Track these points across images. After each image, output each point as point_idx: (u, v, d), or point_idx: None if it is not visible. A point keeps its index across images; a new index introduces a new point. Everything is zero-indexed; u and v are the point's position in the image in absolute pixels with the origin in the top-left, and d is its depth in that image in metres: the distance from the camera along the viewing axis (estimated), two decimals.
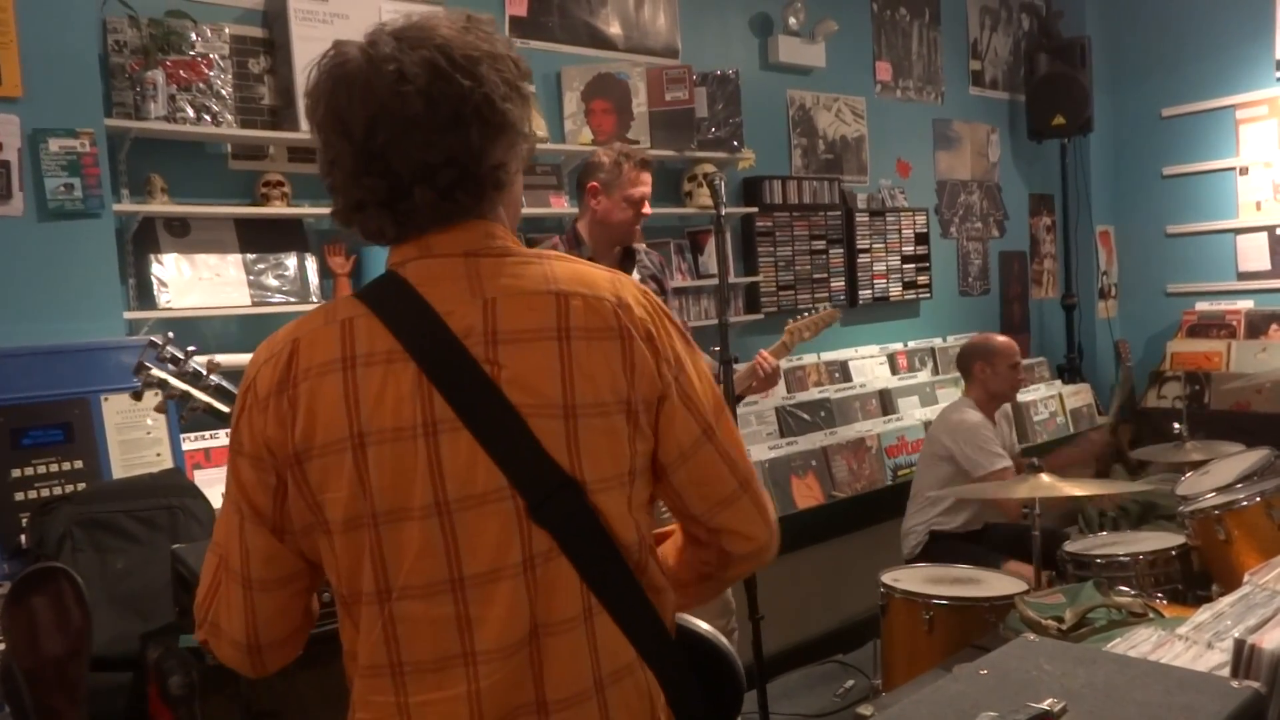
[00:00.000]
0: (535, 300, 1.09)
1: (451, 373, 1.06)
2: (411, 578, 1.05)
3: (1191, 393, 5.60)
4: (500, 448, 1.05)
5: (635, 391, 1.10)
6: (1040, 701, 1.13)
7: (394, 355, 1.06)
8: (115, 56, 3.00)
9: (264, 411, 1.09)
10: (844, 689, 3.63)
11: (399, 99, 1.06)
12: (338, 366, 1.07)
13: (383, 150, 1.07)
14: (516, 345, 1.07)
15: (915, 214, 5.49)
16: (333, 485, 1.06)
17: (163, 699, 2.02)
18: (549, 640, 1.06)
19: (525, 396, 1.06)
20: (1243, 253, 5.95)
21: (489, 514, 1.05)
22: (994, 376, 3.69)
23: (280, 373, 1.09)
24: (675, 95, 4.18)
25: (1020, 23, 6.35)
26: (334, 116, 1.09)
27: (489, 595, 1.05)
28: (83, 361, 2.66)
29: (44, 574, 2.10)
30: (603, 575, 1.09)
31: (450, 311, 1.08)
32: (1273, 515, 2.62)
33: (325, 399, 1.06)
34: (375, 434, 1.05)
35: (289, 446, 1.07)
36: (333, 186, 1.13)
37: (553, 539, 1.06)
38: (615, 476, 1.10)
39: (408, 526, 1.05)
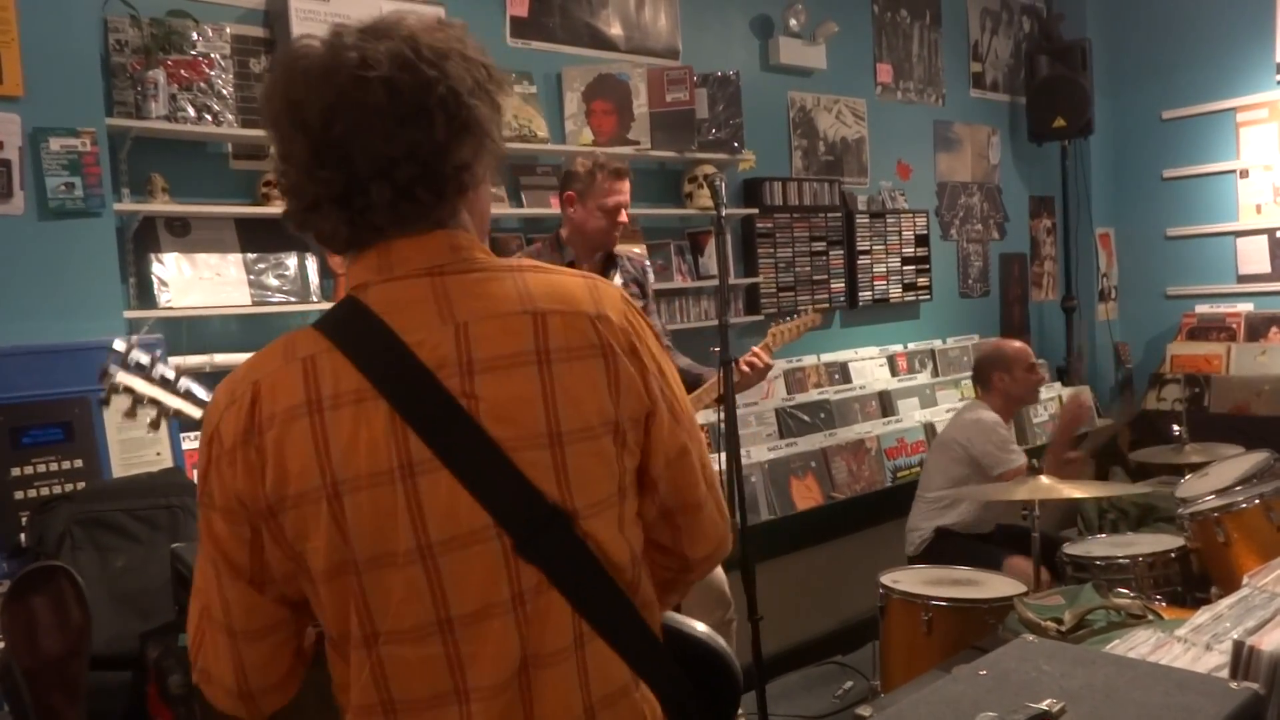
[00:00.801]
0: (510, 322, 1.04)
1: (426, 410, 1.01)
2: (399, 622, 1.02)
3: (1191, 395, 5.60)
4: (483, 485, 1.01)
5: (622, 410, 1.07)
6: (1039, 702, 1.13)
7: (363, 394, 1.01)
8: (116, 56, 3.00)
9: (232, 464, 1.03)
10: (843, 690, 3.63)
11: (360, 86, 1.00)
12: (304, 411, 1.01)
13: (340, 141, 1.01)
14: (494, 374, 1.02)
15: (915, 216, 5.49)
16: (311, 535, 1.01)
17: (162, 698, 2.02)
18: (539, 672, 1.04)
19: (507, 429, 1.02)
20: (1243, 255, 5.95)
21: (475, 555, 1.02)
22: (1014, 383, 3.70)
23: (244, 421, 1.03)
24: (676, 96, 4.18)
25: (1021, 25, 6.36)
26: (290, 107, 1.03)
27: (479, 634, 1.02)
28: (83, 361, 2.66)
29: (44, 573, 2.10)
30: (595, 602, 1.06)
31: (420, 341, 1.02)
32: (1272, 518, 2.62)
33: (294, 447, 1.01)
34: (350, 481, 1.00)
35: (261, 499, 1.02)
36: (286, 187, 1.07)
37: (541, 573, 1.03)
38: (606, 499, 1.07)
39: (391, 572, 1.01)
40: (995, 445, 3.54)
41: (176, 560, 2.08)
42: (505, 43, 3.95)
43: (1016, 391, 3.70)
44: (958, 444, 3.65)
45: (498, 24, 3.94)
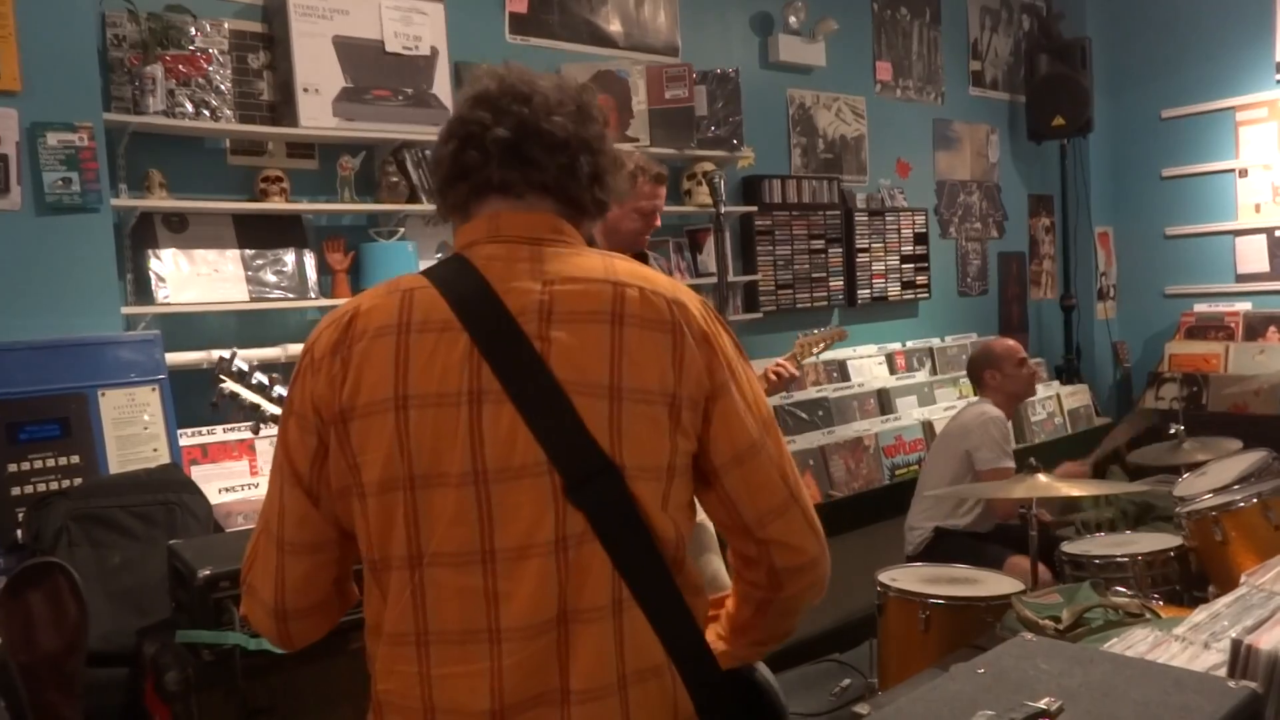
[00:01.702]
0: (592, 286, 1.12)
1: (501, 345, 1.08)
2: (443, 544, 1.06)
3: (1189, 394, 5.60)
4: (542, 423, 1.06)
5: (682, 387, 1.11)
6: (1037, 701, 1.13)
7: (448, 325, 1.09)
8: (114, 51, 2.99)
9: (317, 373, 1.12)
10: (840, 688, 3.63)
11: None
12: (392, 331, 1.10)
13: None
14: (569, 324, 1.10)
15: (914, 214, 5.49)
16: (373, 445, 1.07)
17: (159, 694, 2.02)
18: (577, 628, 1.05)
19: (571, 374, 1.08)
20: (1241, 255, 5.95)
21: (525, 488, 1.06)
22: (1007, 380, 3.71)
23: (338, 335, 1.12)
24: (675, 93, 4.17)
25: (1021, 23, 6.35)
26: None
27: (518, 571, 1.05)
28: (80, 356, 2.66)
29: (40, 569, 2.10)
30: (637, 565, 1.08)
31: (508, 290, 1.11)
32: (1269, 516, 2.62)
33: (375, 361, 1.09)
34: (419, 397, 1.07)
35: (336, 405, 1.09)
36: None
37: (588, 522, 1.06)
38: (654, 468, 1.10)
39: (443, 492, 1.06)
40: (989, 441, 3.55)
41: (173, 557, 2.08)
42: (504, 39, 3.94)
43: (1010, 387, 3.70)
44: (957, 440, 3.66)
45: (497, 20, 3.93)
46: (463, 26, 3.73)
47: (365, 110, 3.38)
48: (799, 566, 1.19)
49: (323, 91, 3.29)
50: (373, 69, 3.40)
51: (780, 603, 1.21)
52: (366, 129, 3.38)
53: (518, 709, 1.04)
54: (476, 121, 1.16)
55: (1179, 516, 2.83)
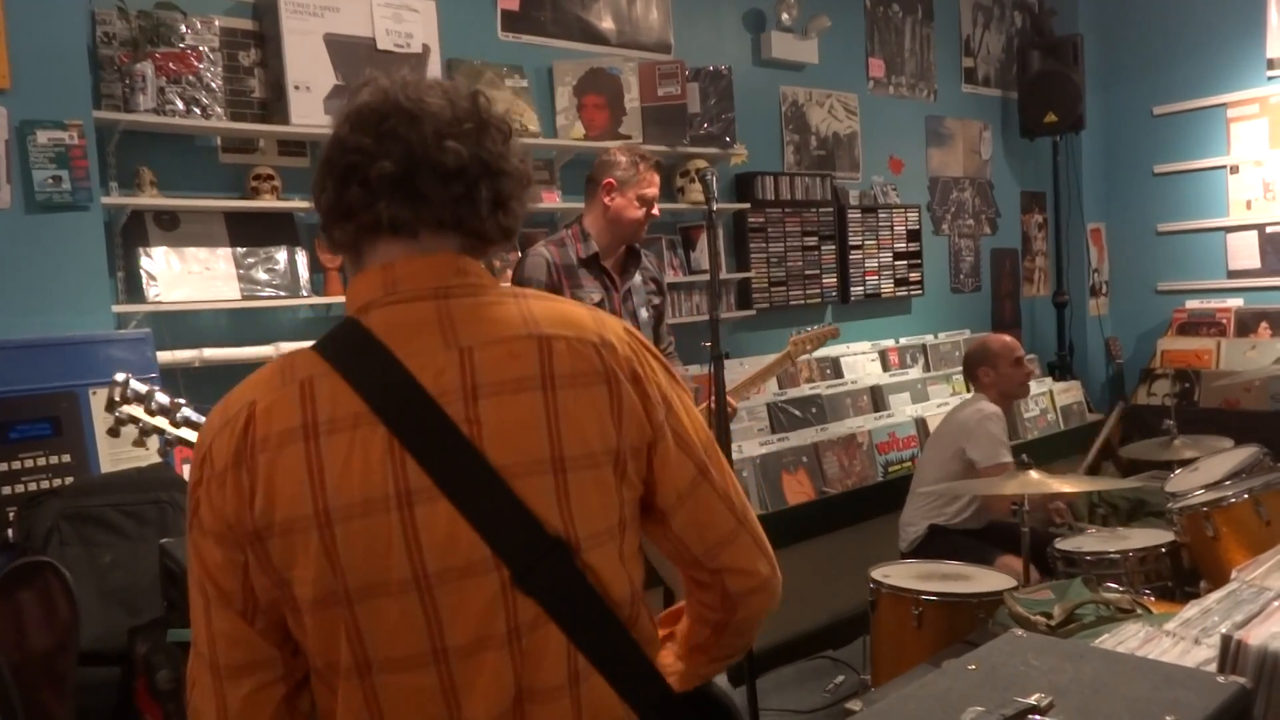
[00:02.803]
0: (515, 346, 1.03)
1: (426, 436, 0.99)
2: (392, 650, 1.00)
3: (1181, 390, 5.61)
4: (482, 515, 0.99)
5: (624, 439, 1.06)
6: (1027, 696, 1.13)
7: (361, 419, 0.99)
8: (104, 48, 2.98)
9: (222, 487, 1.00)
10: (834, 685, 3.64)
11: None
12: (299, 435, 0.99)
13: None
14: (497, 399, 1.01)
15: (907, 211, 5.49)
16: (299, 564, 0.99)
17: (151, 693, 2.02)
18: (533, 708, 1.02)
19: (509, 456, 1.00)
20: (1233, 251, 5.97)
21: (472, 586, 1.00)
22: (1001, 378, 3.70)
23: (236, 443, 1.00)
24: (668, 90, 4.17)
25: (1013, 20, 6.36)
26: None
27: (474, 666, 1.00)
28: (71, 355, 2.65)
29: (31, 568, 2.10)
30: (592, 637, 1.04)
31: (423, 366, 1.01)
32: (1260, 512, 2.63)
33: (286, 472, 0.98)
34: (343, 509, 0.98)
35: (249, 523, 0.99)
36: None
37: (539, 606, 1.01)
38: (607, 530, 1.05)
39: (384, 602, 0.99)
40: (986, 437, 3.55)
41: (165, 556, 2.08)
42: (497, 36, 3.94)
43: (1004, 386, 3.70)
44: (953, 437, 3.66)
45: (489, 17, 3.92)
46: (454, 24, 3.72)
47: None
48: (751, 589, 1.17)
49: (314, 89, 3.28)
50: (364, 66, 3.38)
51: (735, 624, 1.20)
52: None
53: None
54: (358, 150, 1.03)
55: (1171, 512, 2.84)
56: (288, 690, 1.07)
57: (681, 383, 1.18)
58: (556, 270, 2.92)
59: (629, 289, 3.07)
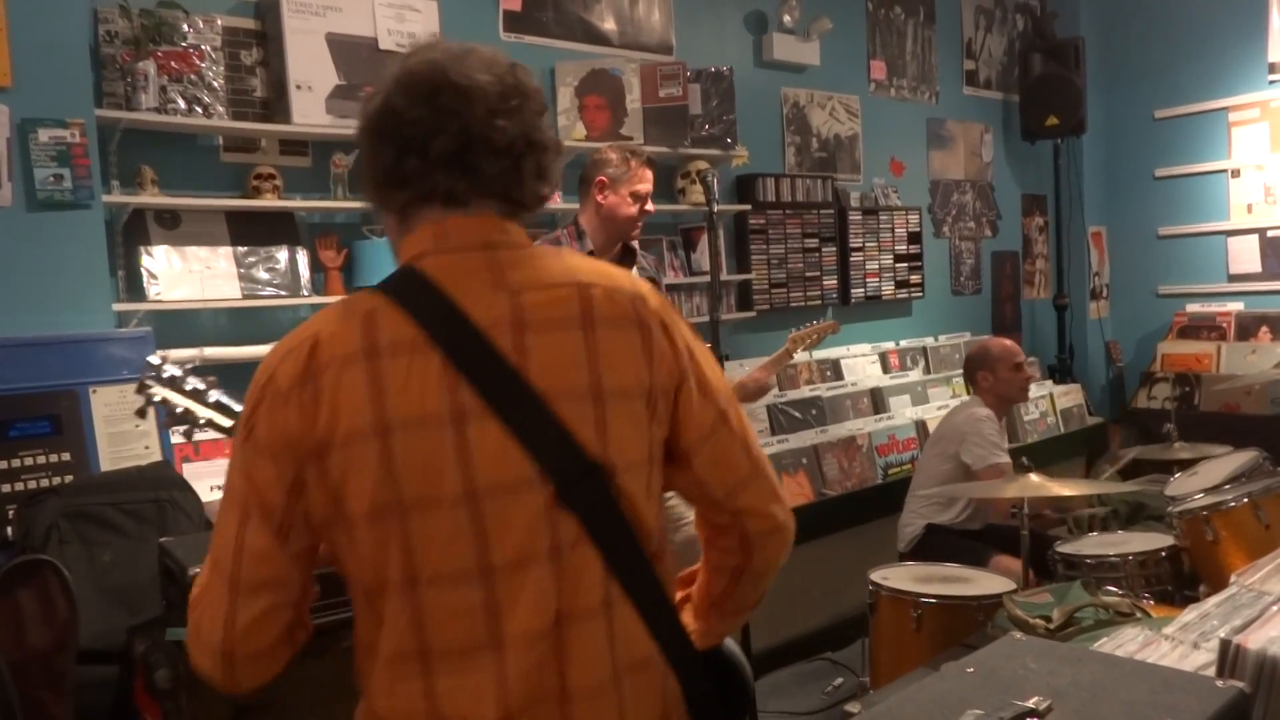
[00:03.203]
0: (558, 291, 1.13)
1: (477, 361, 1.07)
2: (440, 565, 1.06)
3: (1181, 394, 5.62)
4: (528, 435, 1.07)
5: (655, 379, 1.14)
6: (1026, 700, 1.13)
7: (418, 344, 1.07)
8: (106, 47, 2.98)
9: (286, 405, 1.07)
10: (832, 687, 3.64)
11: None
12: (361, 356, 1.07)
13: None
14: (541, 334, 1.10)
15: (908, 213, 5.50)
16: (356, 475, 1.05)
17: (149, 692, 2.02)
18: (572, 628, 1.07)
19: (552, 382, 1.09)
20: (1234, 255, 5.97)
21: (518, 502, 1.07)
22: (999, 382, 3.70)
23: (302, 366, 1.07)
24: (669, 92, 4.17)
25: (1015, 23, 6.36)
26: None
27: (518, 582, 1.06)
28: (71, 353, 2.65)
29: (30, 567, 2.10)
30: (624, 562, 1.10)
31: (474, 304, 1.09)
32: (1260, 516, 2.62)
33: (349, 390, 1.06)
34: (401, 422, 1.05)
35: (311, 438, 1.06)
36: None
37: (580, 525, 1.08)
38: (639, 462, 1.13)
39: (436, 514, 1.05)
40: (980, 441, 3.55)
41: (164, 555, 2.08)
42: (499, 37, 3.94)
43: (1002, 390, 3.70)
44: (949, 441, 3.66)
45: (491, 18, 3.93)
46: (456, 24, 3.72)
47: (359, 108, 3.36)
48: (769, 530, 1.23)
49: (315, 88, 3.28)
50: (366, 66, 3.39)
51: (752, 570, 1.26)
52: None
53: (523, 711, 1.06)
54: (415, 124, 1.12)
55: (1170, 516, 2.83)
56: (291, 619, 1.12)
57: (701, 339, 1.27)
58: None
59: None
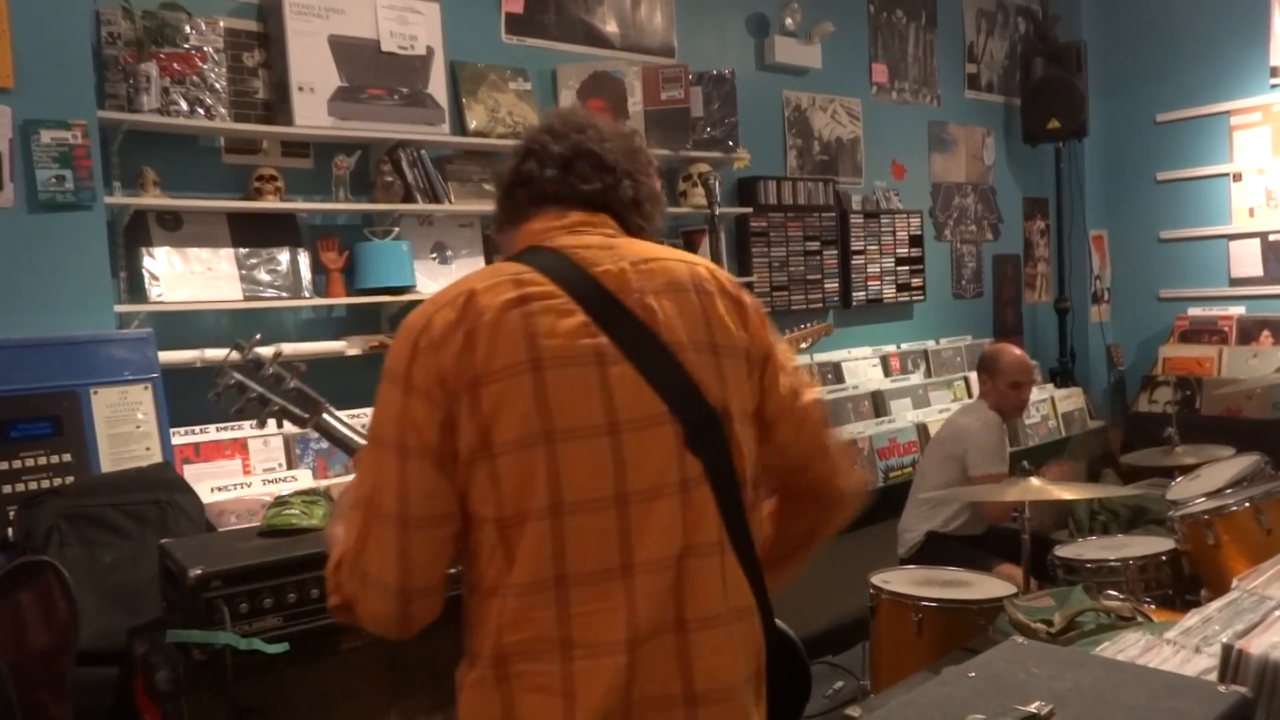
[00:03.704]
0: (669, 264, 1.27)
1: (611, 315, 1.20)
2: (582, 491, 1.15)
3: (1183, 398, 5.61)
4: (659, 379, 1.19)
5: (751, 345, 1.28)
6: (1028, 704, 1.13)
7: (563, 299, 1.20)
8: (108, 48, 2.98)
9: (442, 348, 1.16)
10: (833, 690, 3.63)
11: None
12: (516, 304, 1.18)
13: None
14: (661, 296, 1.23)
15: (910, 216, 5.49)
16: (508, 406, 1.15)
17: (149, 694, 2.02)
18: (693, 562, 1.17)
19: (675, 335, 1.21)
20: (1235, 259, 5.97)
21: (654, 436, 1.18)
22: (993, 392, 3.69)
23: (458, 314, 1.18)
24: (671, 94, 4.17)
25: (1016, 27, 6.36)
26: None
27: (649, 511, 1.16)
28: (72, 354, 2.65)
29: (31, 568, 2.10)
30: (731, 508, 1.21)
31: (601, 271, 1.23)
32: (1261, 521, 2.62)
33: (505, 330, 1.17)
34: (552, 358, 1.16)
35: (468, 374, 1.15)
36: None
37: (702, 466, 1.19)
38: (747, 414, 1.26)
39: (581, 444, 1.15)
40: (981, 446, 3.54)
41: (165, 556, 2.08)
42: (500, 39, 3.94)
43: (993, 400, 3.69)
44: (949, 442, 3.66)
45: (493, 20, 3.93)
46: (458, 26, 3.73)
47: (360, 109, 3.38)
48: (842, 495, 1.39)
49: (318, 90, 3.29)
50: (368, 68, 3.39)
51: (827, 529, 1.43)
52: (362, 128, 3.38)
53: (647, 637, 1.14)
54: (538, 141, 1.34)
55: (1172, 520, 2.83)
56: (453, 551, 1.21)
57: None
58: None
59: None
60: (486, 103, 3.77)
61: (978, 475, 3.49)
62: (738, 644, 1.19)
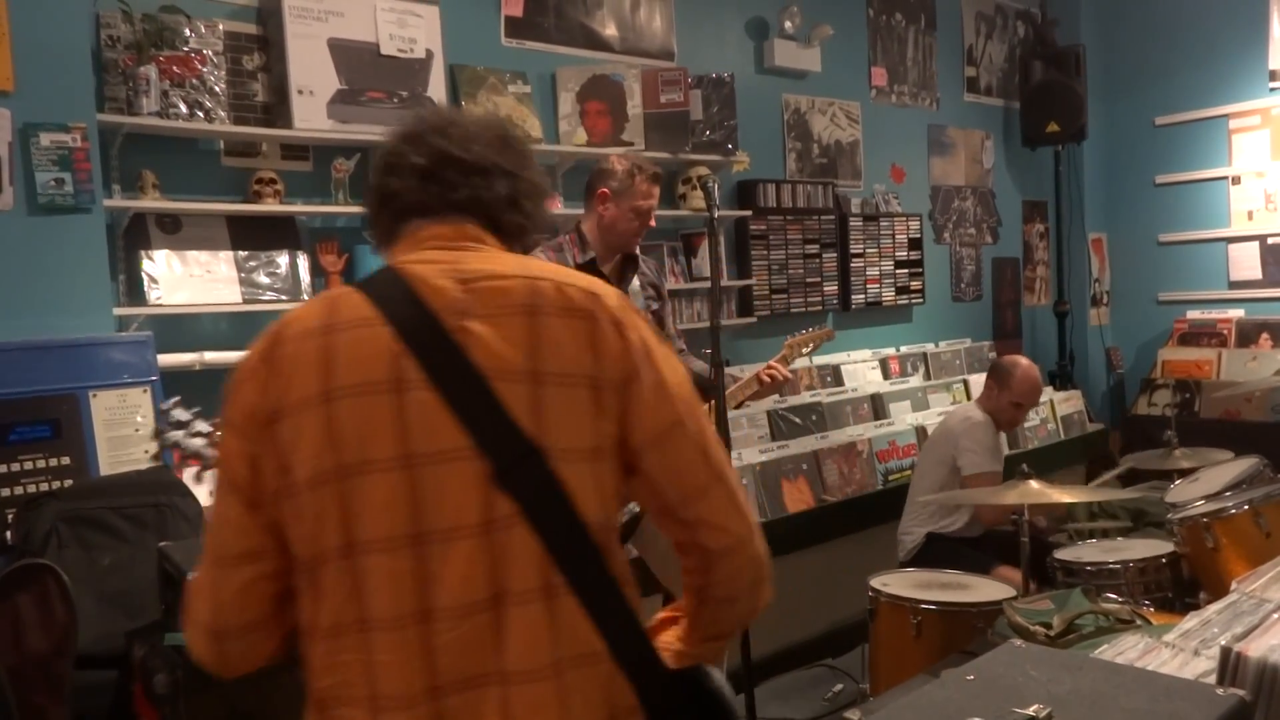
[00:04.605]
0: (509, 283, 1.16)
1: (422, 337, 1.11)
2: (375, 530, 1.08)
3: (1182, 400, 5.61)
4: (465, 408, 1.10)
5: (600, 370, 1.14)
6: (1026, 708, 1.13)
7: (371, 321, 1.13)
8: (108, 51, 2.98)
9: (250, 381, 1.14)
10: (832, 693, 3.63)
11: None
12: (318, 333, 1.13)
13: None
14: (487, 319, 1.13)
15: (909, 219, 5.50)
16: (303, 442, 1.09)
17: (148, 697, 2.02)
18: (510, 610, 1.08)
19: (491, 361, 1.11)
20: (1234, 262, 5.97)
21: (452, 471, 1.09)
22: (994, 401, 3.70)
23: (269, 343, 1.15)
24: (670, 97, 4.17)
25: (1015, 30, 6.37)
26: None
27: (448, 553, 1.07)
28: (71, 357, 2.65)
29: (29, 571, 2.10)
30: (567, 550, 1.10)
31: (429, 291, 1.14)
32: (1260, 524, 2.62)
33: (303, 360, 1.12)
34: (344, 388, 1.10)
35: (267, 407, 1.11)
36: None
37: (515, 505, 1.09)
38: (579, 450, 1.12)
39: (373, 478, 1.08)
40: (973, 446, 3.54)
41: (164, 559, 2.08)
42: (500, 43, 3.94)
43: (992, 408, 3.70)
44: (943, 444, 3.66)
45: (493, 24, 3.93)
46: (458, 30, 3.73)
47: (360, 112, 3.38)
48: (727, 547, 1.18)
49: (317, 93, 3.29)
50: (367, 71, 3.39)
51: (714, 588, 1.21)
52: (361, 131, 3.38)
53: (454, 688, 1.06)
54: (397, 153, 1.25)
55: (1171, 523, 2.83)
56: (277, 591, 1.15)
57: (669, 346, 1.26)
58: None
59: (626, 295, 3.07)
60: (486, 106, 3.77)
61: (972, 476, 3.49)
62: (572, 695, 1.08)
